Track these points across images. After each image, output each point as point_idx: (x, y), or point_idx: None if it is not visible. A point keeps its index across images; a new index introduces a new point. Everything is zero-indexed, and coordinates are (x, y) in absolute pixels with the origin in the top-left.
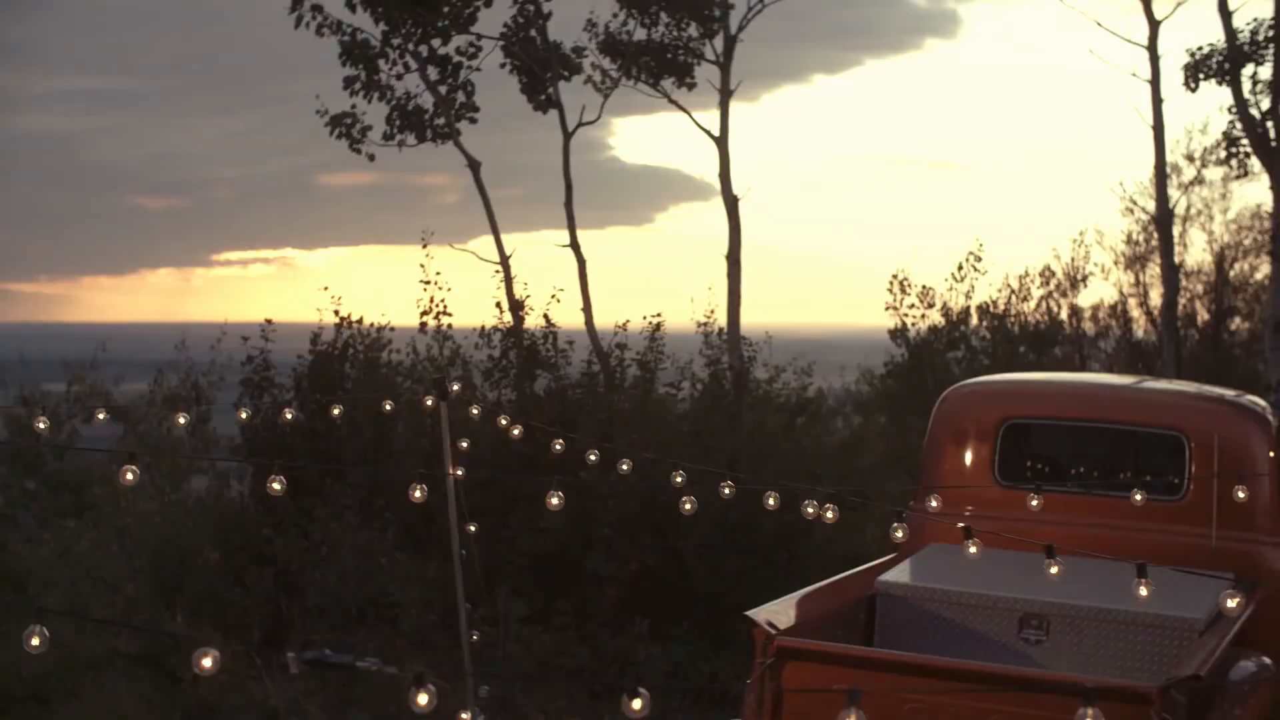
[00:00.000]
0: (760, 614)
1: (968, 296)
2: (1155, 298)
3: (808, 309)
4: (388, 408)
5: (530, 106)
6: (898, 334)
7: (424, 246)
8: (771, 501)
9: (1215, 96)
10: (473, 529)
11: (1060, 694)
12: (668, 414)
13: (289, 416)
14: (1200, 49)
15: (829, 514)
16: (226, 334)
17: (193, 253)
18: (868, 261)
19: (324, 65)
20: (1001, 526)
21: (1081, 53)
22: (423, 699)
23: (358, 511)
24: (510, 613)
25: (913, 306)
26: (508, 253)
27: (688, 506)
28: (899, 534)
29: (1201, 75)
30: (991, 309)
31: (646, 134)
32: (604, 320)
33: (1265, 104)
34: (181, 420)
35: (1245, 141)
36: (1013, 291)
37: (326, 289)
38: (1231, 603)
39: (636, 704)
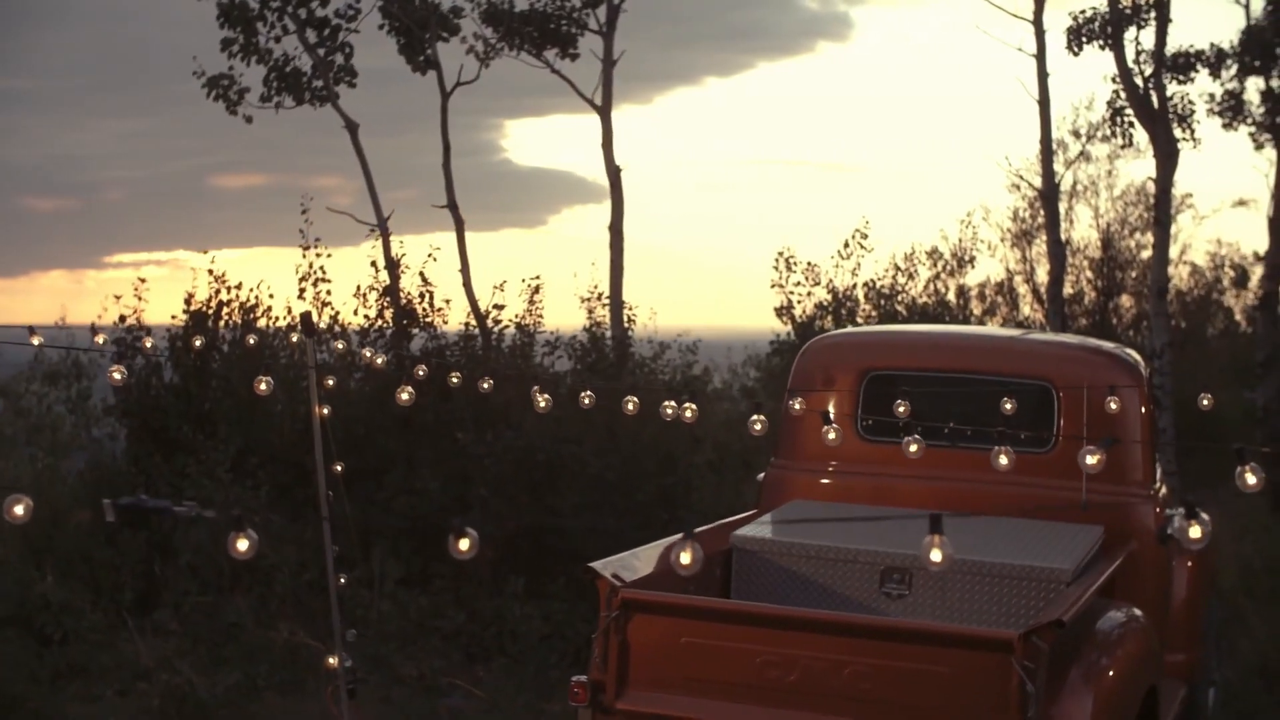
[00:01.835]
0: (605, 566)
1: (854, 274)
2: (1042, 275)
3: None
4: (252, 341)
5: (409, 69)
6: (784, 311)
7: (303, 213)
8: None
9: (1100, 66)
10: (339, 468)
11: (918, 643)
12: (545, 374)
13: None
14: (1083, 12)
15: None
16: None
17: (84, 254)
18: (759, 264)
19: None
20: (865, 481)
21: (971, 45)
22: (242, 545)
23: (229, 469)
24: (385, 574)
25: (799, 284)
26: (385, 214)
27: None
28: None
29: (1085, 39)
30: (878, 287)
31: (539, 136)
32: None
33: (1149, 70)
34: (117, 374)
35: (1130, 112)
36: (899, 269)
37: (211, 270)
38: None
39: (464, 544)
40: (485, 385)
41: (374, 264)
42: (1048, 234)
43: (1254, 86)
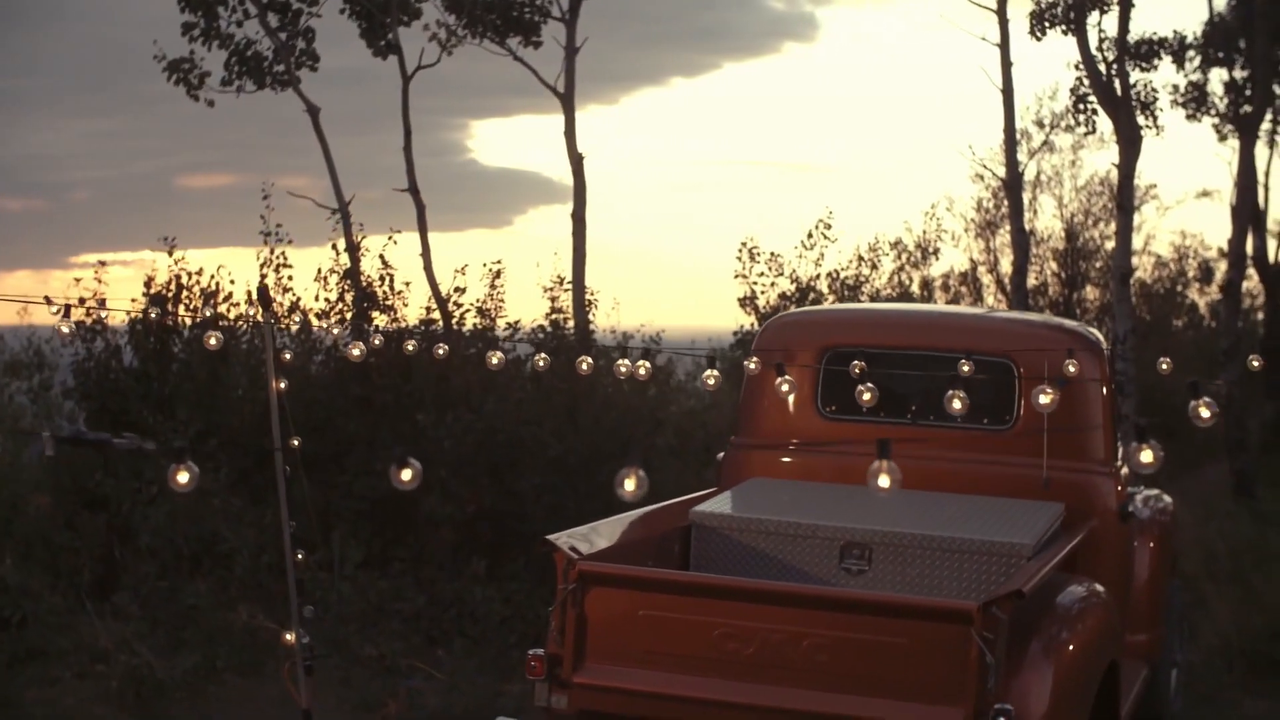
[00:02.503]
0: (562, 539)
1: (818, 265)
2: (1006, 265)
3: (663, 310)
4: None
5: (370, 53)
6: (747, 302)
7: (265, 198)
8: None
9: (1064, 54)
10: (296, 443)
11: (877, 615)
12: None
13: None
14: None
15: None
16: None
17: (50, 255)
18: (724, 264)
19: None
20: (825, 459)
21: (937, 43)
22: (183, 477)
23: (189, 450)
24: (345, 557)
25: (762, 274)
26: (346, 198)
27: None
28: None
29: (1047, 23)
30: (842, 278)
31: (504, 137)
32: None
33: (1112, 57)
34: (65, 329)
35: (1093, 99)
36: (862, 260)
37: (171, 252)
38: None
39: (406, 474)
40: (440, 351)
41: (334, 246)
42: (1011, 223)
43: (1218, 78)
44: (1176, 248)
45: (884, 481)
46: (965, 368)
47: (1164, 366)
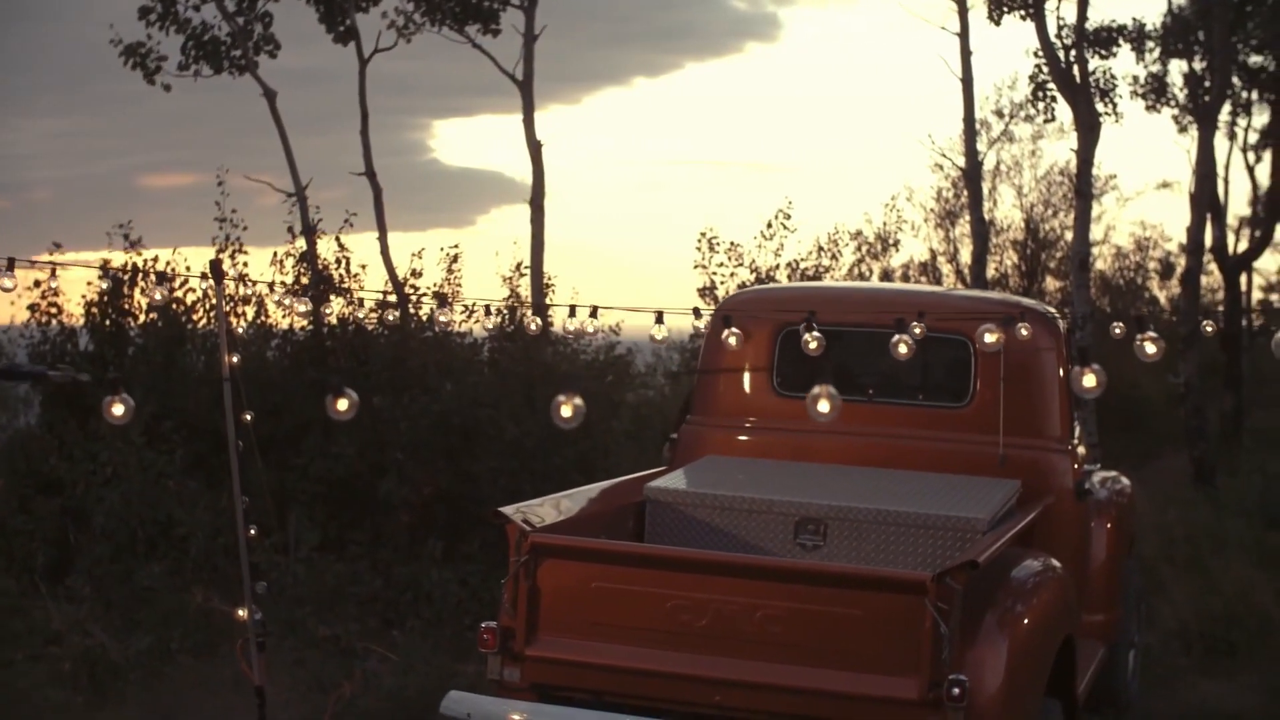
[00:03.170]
0: (515, 511)
1: (777, 254)
2: (966, 255)
3: (627, 312)
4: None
5: (330, 38)
6: (706, 293)
7: (219, 184)
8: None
9: (1023, 42)
10: (249, 418)
11: (831, 586)
12: (462, 340)
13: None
14: None
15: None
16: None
17: (11, 254)
18: (685, 263)
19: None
20: (781, 437)
21: (899, 42)
22: (118, 409)
23: (143, 432)
24: (301, 539)
25: (721, 265)
26: (303, 182)
27: None
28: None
29: (1005, 8)
30: (801, 269)
31: (467, 136)
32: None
33: (1070, 42)
34: (8, 283)
35: (1052, 86)
36: (822, 250)
37: (127, 236)
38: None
39: (342, 404)
40: (393, 316)
41: (290, 229)
42: (971, 213)
43: (1177, 69)
44: (1137, 239)
45: (824, 407)
46: (916, 330)
47: (1117, 331)
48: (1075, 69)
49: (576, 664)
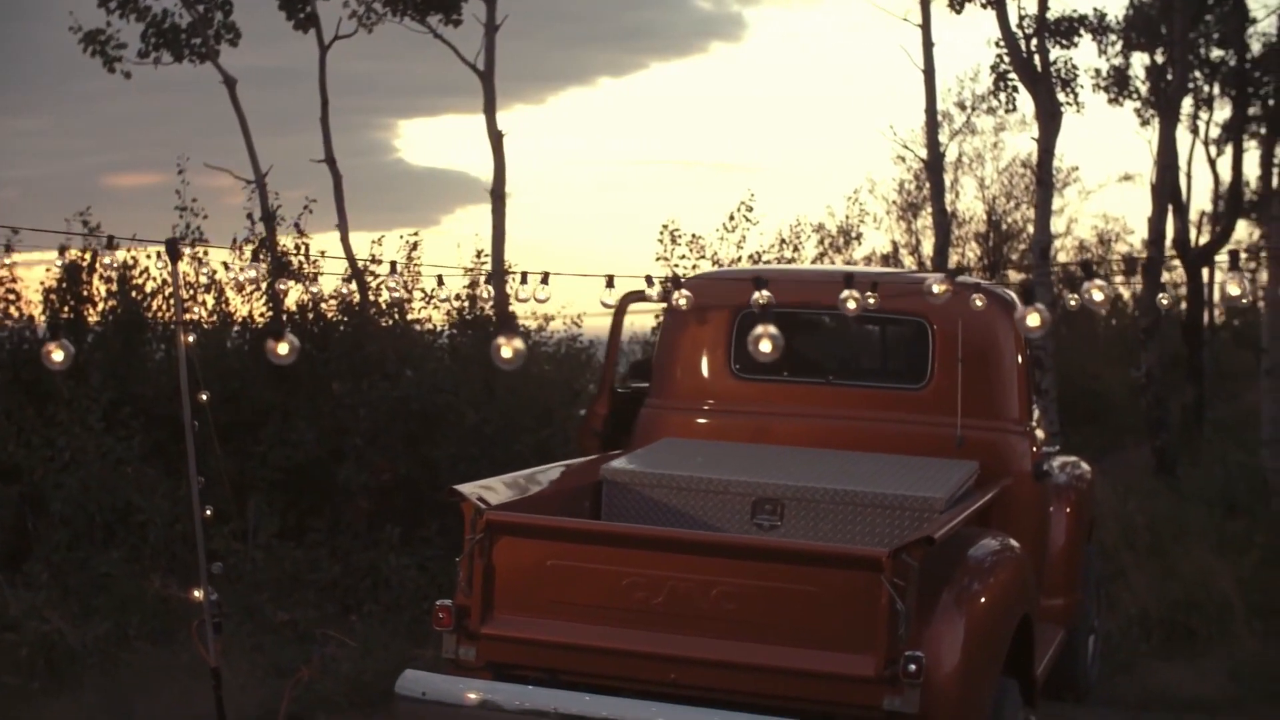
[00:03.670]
0: (471, 489)
1: (739, 246)
2: (928, 247)
3: (588, 308)
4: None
5: (290, 25)
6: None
7: (179, 172)
8: None
9: (985, 32)
10: (205, 397)
11: (786, 563)
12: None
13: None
14: None
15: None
16: None
17: None
18: (647, 261)
19: None
20: (740, 419)
21: (863, 39)
22: (57, 355)
23: (101, 418)
24: (260, 526)
25: (683, 257)
26: (264, 169)
27: None
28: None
29: None
30: (763, 261)
31: (432, 136)
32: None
33: (1031, 31)
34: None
35: (1014, 76)
36: (784, 242)
37: (86, 222)
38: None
39: (282, 348)
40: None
41: (249, 216)
42: (933, 204)
43: (1139, 62)
44: (1100, 233)
45: (766, 346)
46: (871, 298)
47: (1071, 304)
48: (1036, 58)
49: (532, 642)
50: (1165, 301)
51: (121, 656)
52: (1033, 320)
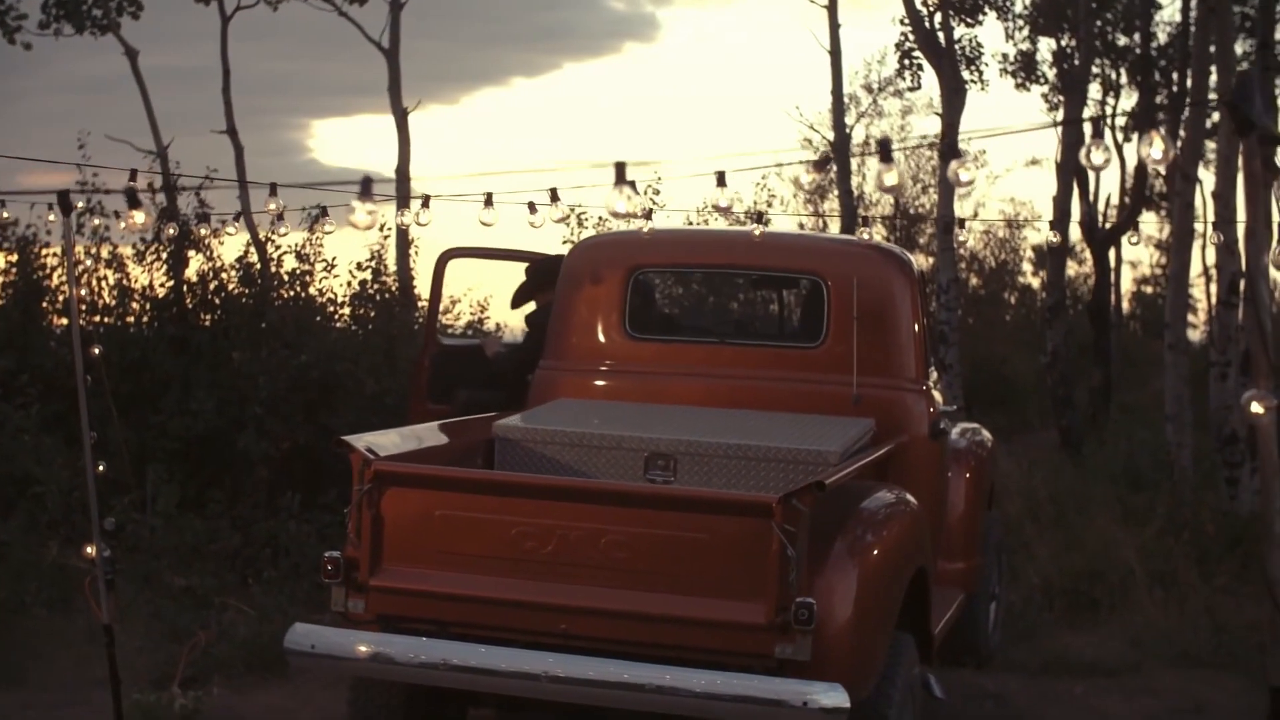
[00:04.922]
0: (359, 440)
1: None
2: (835, 229)
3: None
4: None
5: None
6: None
7: (80, 147)
8: None
9: (892, 8)
10: (96, 351)
11: (676, 510)
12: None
13: None
14: None
15: None
16: None
17: None
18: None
19: None
20: (634, 380)
21: (776, 41)
22: None
23: None
24: (159, 495)
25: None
26: (165, 141)
27: None
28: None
29: None
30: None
31: (345, 136)
32: None
33: (935, 5)
34: None
35: (919, 53)
36: (691, 224)
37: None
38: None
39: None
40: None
41: (150, 185)
42: (839, 186)
43: (1046, 47)
44: (1007, 217)
45: (621, 206)
46: (757, 233)
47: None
48: (940, 35)
49: (421, 593)
50: (1055, 238)
51: (17, 623)
52: (890, 179)
